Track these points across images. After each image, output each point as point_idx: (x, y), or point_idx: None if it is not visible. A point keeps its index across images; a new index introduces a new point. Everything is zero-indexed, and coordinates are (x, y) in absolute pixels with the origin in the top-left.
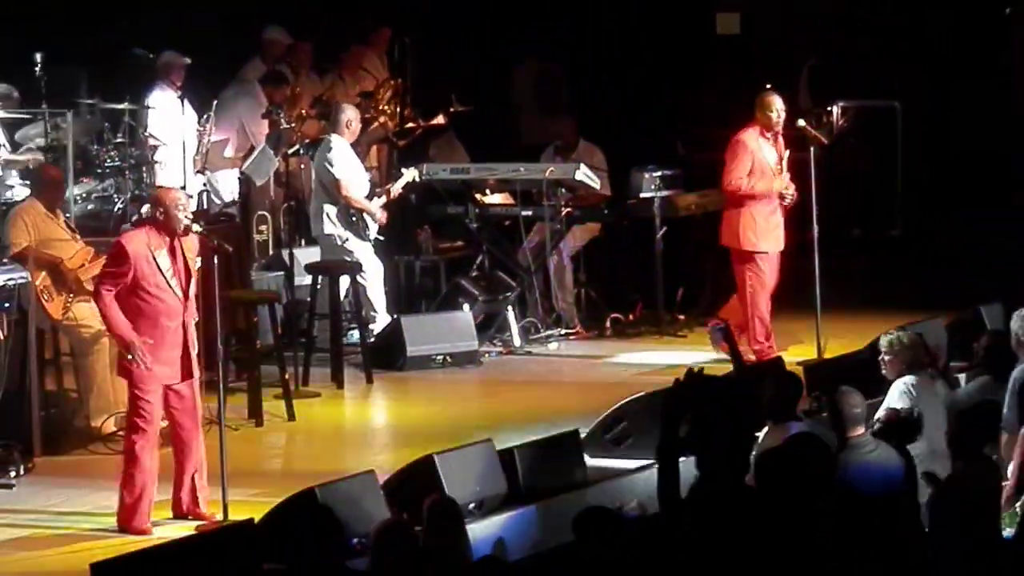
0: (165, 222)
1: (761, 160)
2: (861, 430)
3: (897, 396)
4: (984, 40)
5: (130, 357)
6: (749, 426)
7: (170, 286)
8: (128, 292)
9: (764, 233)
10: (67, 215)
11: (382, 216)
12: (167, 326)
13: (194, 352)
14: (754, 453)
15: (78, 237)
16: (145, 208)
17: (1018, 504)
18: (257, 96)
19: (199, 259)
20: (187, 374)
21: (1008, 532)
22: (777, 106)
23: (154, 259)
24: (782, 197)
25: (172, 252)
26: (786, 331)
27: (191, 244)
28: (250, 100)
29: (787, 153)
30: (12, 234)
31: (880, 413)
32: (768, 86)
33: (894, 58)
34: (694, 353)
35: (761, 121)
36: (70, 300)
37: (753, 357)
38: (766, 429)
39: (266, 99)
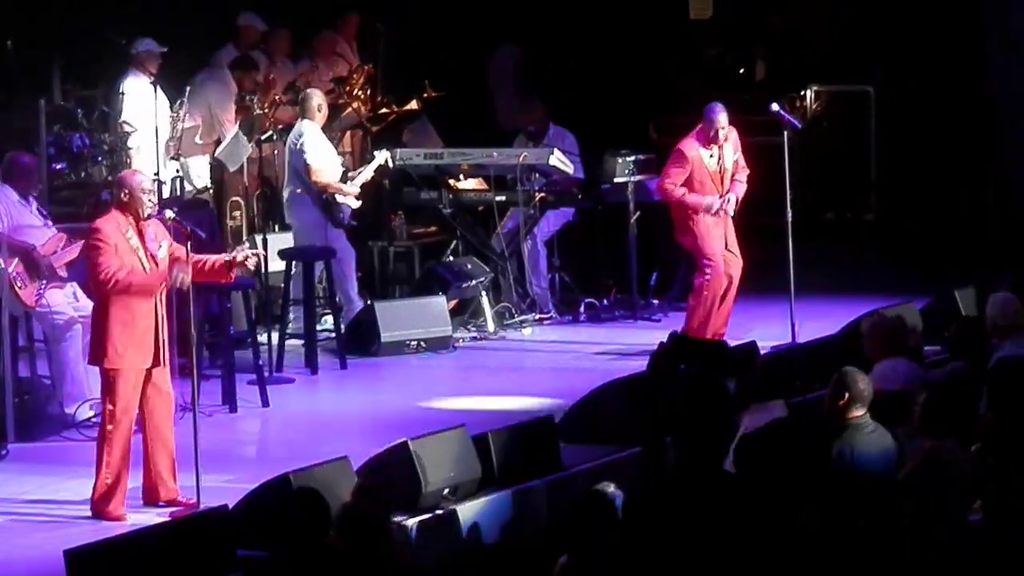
0: (130, 203)
1: (701, 169)
2: (862, 411)
3: (875, 379)
4: (959, 23)
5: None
6: (728, 409)
7: (144, 269)
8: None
9: (707, 237)
10: (39, 202)
11: (355, 200)
12: (139, 310)
13: (165, 337)
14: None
15: (50, 223)
16: (109, 193)
17: None
18: (227, 82)
19: (163, 243)
20: (159, 359)
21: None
22: (716, 118)
23: (128, 242)
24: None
25: (140, 235)
26: (760, 315)
27: (157, 231)
28: (220, 86)
29: (738, 155)
30: None
31: None
32: (741, 71)
33: (868, 42)
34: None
35: (701, 130)
36: (43, 287)
37: None
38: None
39: (235, 85)
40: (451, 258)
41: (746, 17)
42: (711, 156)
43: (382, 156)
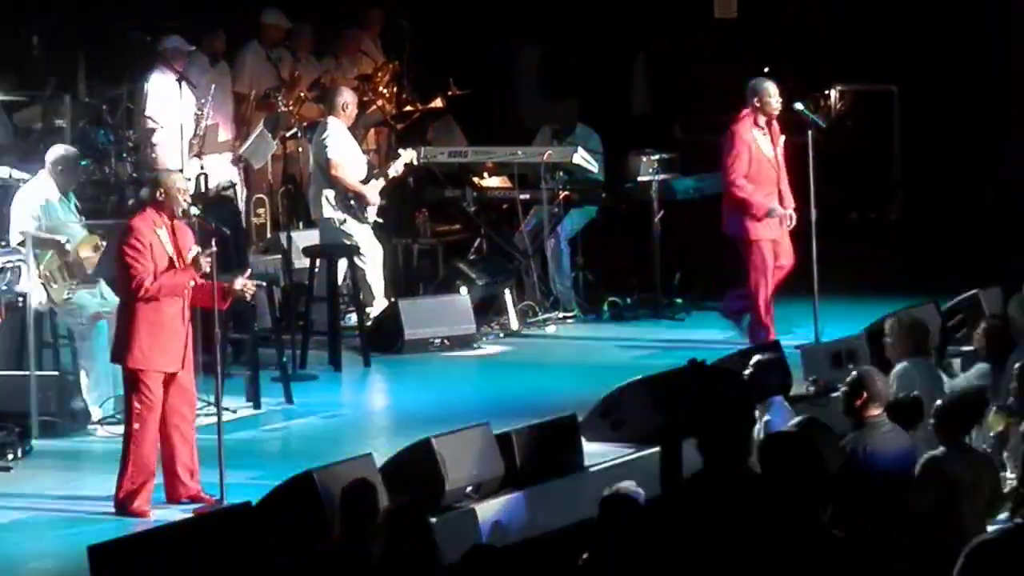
0: (165, 203)
1: (757, 153)
2: (880, 410)
3: (894, 380)
4: (981, 23)
5: (204, 262)
6: (749, 408)
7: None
8: None
9: (763, 221)
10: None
11: (376, 198)
12: (167, 312)
13: (190, 340)
14: (758, 436)
15: (83, 220)
16: (144, 191)
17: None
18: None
19: (193, 248)
20: (186, 362)
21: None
22: (772, 92)
23: (161, 242)
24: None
25: (172, 236)
26: (783, 315)
27: (186, 233)
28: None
29: (783, 139)
30: (17, 217)
31: None
32: (766, 70)
33: (892, 41)
34: (692, 336)
35: (757, 108)
36: (74, 285)
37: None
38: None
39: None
40: (475, 256)
41: (771, 16)
42: (765, 137)
43: (409, 154)
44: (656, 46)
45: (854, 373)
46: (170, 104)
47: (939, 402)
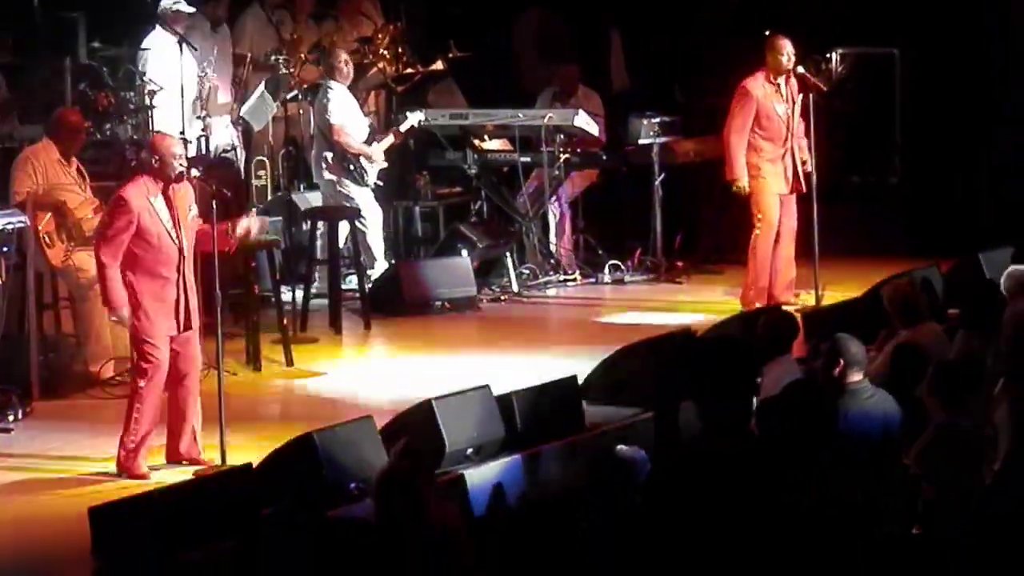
0: (160, 168)
1: (767, 107)
2: (860, 376)
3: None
4: (1002, 16)
5: (114, 319)
6: (748, 372)
7: (170, 236)
8: (129, 243)
9: (770, 175)
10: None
11: (381, 159)
12: (167, 277)
13: (193, 302)
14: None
15: (87, 186)
16: (142, 155)
17: None
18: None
19: (193, 206)
20: (188, 324)
21: None
22: (787, 49)
23: (155, 210)
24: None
25: (168, 201)
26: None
27: (185, 195)
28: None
29: (800, 97)
30: (17, 179)
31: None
32: (767, 33)
33: (892, 4)
34: (692, 298)
35: (771, 65)
36: (71, 247)
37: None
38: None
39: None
40: (475, 219)
41: None
42: (777, 93)
43: (415, 117)
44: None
45: (829, 342)
46: (171, 66)
47: (935, 370)
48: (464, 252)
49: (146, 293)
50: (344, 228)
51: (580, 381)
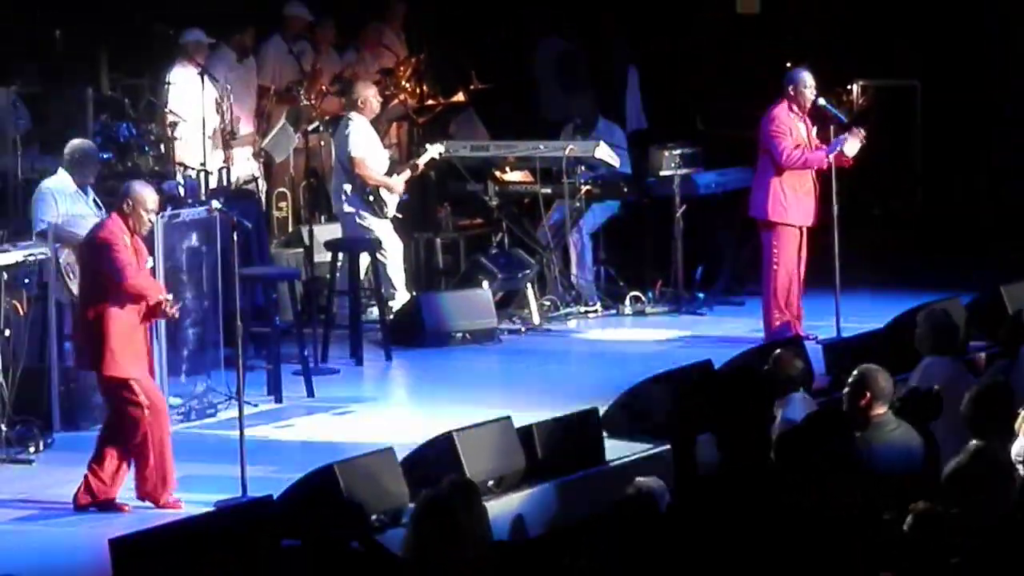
0: (132, 216)
1: (798, 136)
2: (884, 408)
3: (918, 374)
4: (1002, 18)
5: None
6: (767, 403)
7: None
8: (109, 282)
9: (793, 205)
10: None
11: (402, 190)
12: (133, 320)
13: (154, 352)
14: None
15: (102, 213)
16: (166, 184)
17: None
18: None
19: (149, 260)
20: (151, 368)
21: None
22: (811, 82)
23: (130, 249)
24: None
25: (135, 246)
26: (805, 309)
27: (143, 251)
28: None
29: (815, 129)
30: (39, 211)
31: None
32: (788, 65)
33: (914, 36)
34: (713, 331)
35: (793, 98)
36: None
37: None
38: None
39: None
40: (496, 250)
41: (792, 11)
42: (802, 124)
43: (436, 148)
44: (657, 45)
45: (856, 372)
46: (192, 98)
47: (973, 396)
48: (485, 284)
49: (116, 331)
50: (364, 260)
51: (601, 413)
